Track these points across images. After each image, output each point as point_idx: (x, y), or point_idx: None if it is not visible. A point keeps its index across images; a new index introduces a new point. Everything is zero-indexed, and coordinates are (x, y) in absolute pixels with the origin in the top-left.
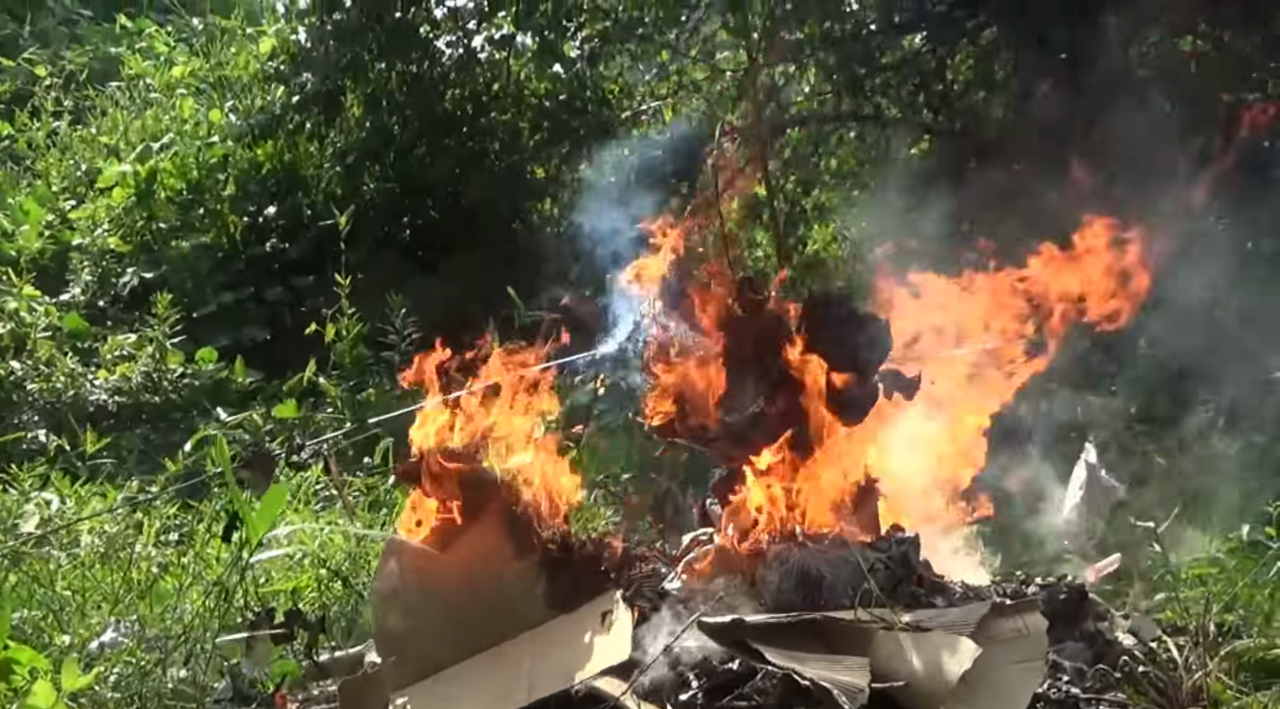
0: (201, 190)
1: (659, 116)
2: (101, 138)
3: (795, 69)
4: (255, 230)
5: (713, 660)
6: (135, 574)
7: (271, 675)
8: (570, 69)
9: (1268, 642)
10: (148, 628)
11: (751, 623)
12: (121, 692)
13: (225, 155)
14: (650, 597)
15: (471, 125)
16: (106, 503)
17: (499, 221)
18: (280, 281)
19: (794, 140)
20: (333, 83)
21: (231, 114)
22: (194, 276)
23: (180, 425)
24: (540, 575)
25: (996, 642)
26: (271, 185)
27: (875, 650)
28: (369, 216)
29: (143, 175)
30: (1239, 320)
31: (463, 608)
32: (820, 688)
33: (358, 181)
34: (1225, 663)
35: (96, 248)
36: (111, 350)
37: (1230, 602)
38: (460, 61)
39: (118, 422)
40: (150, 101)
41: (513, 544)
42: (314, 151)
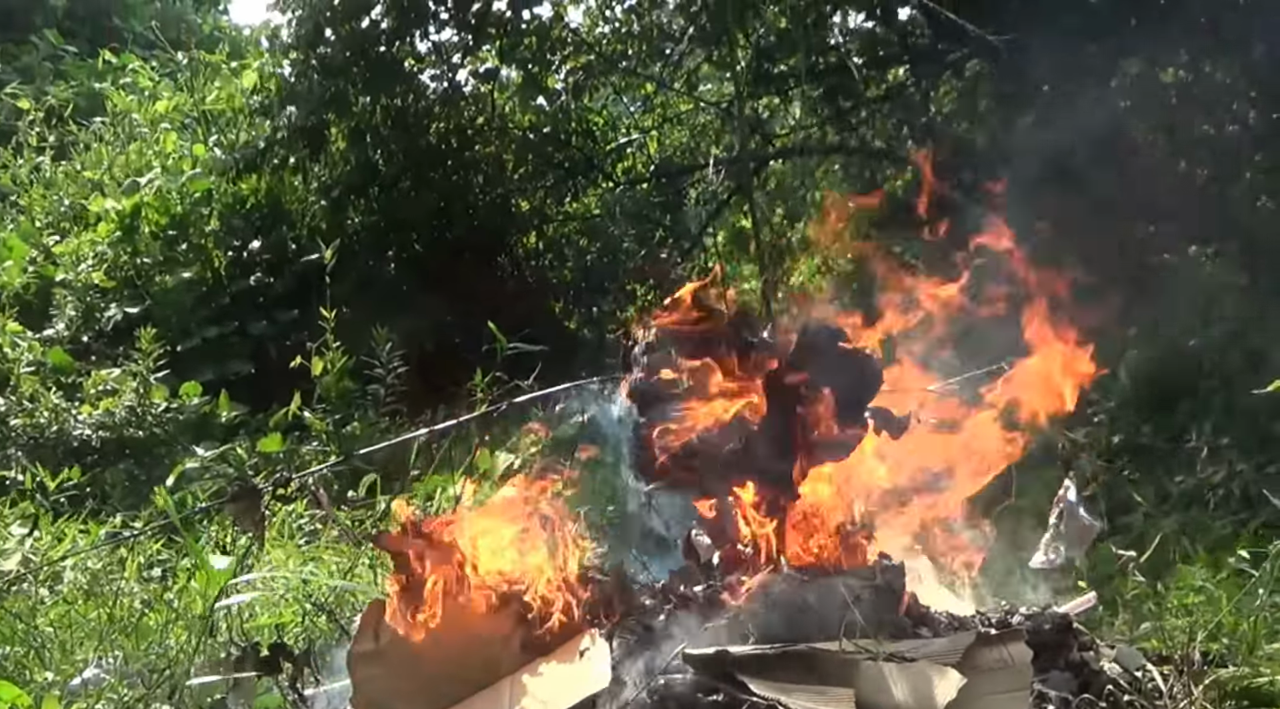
0: (186, 225)
1: (643, 149)
2: (86, 173)
3: (780, 102)
4: (240, 265)
5: (698, 693)
6: (118, 610)
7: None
8: (554, 102)
9: (1252, 670)
10: (131, 664)
11: (736, 654)
12: None
13: (209, 190)
14: (635, 629)
15: (456, 159)
16: (90, 539)
17: (484, 254)
18: (265, 316)
19: (779, 173)
20: (317, 117)
21: (216, 148)
22: (178, 311)
23: (164, 460)
24: (516, 625)
25: (981, 672)
26: (256, 220)
27: (861, 681)
28: (353, 250)
29: (127, 210)
30: (1219, 349)
31: (439, 663)
32: None
33: (342, 215)
34: (1210, 692)
35: (80, 283)
36: (95, 385)
37: (1215, 630)
38: (444, 95)
39: (101, 457)
40: (135, 136)
41: (485, 603)
42: (298, 186)
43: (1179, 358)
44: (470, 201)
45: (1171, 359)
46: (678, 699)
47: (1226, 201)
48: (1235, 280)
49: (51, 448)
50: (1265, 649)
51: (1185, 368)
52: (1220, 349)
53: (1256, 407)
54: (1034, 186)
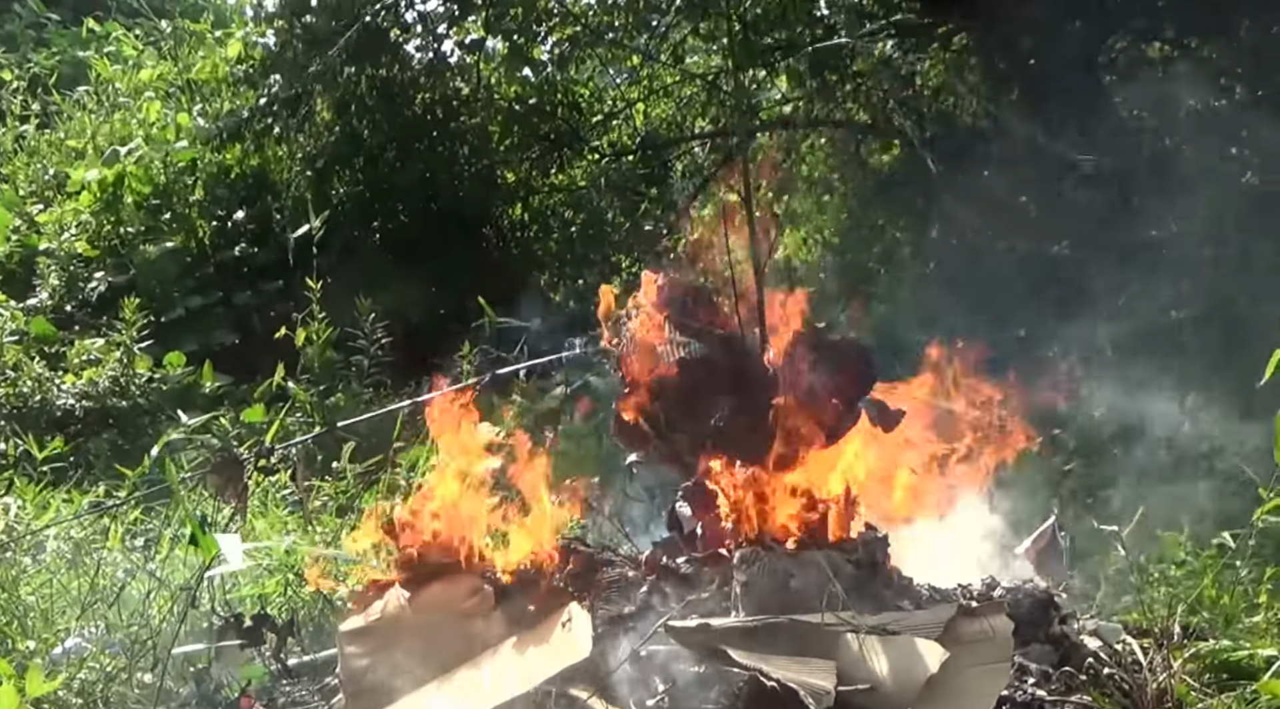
0: (169, 194)
1: (629, 121)
2: (69, 142)
3: (766, 74)
4: (224, 235)
5: (680, 664)
6: (101, 579)
7: (239, 679)
8: (540, 73)
9: (1232, 644)
10: (113, 633)
11: (718, 626)
12: (86, 697)
13: (193, 159)
14: (617, 601)
15: (441, 130)
16: (73, 508)
17: (469, 225)
18: (249, 286)
19: (765, 146)
20: (301, 87)
21: (200, 118)
22: (162, 281)
23: (148, 430)
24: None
25: (962, 644)
26: (240, 190)
27: (842, 653)
28: (338, 221)
29: (110, 179)
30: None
31: (424, 637)
32: (786, 688)
33: (327, 186)
34: (1190, 665)
35: (64, 252)
36: (79, 355)
37: (1196, 604)
38: (430, 66)
39: (85, 426)
40: (118, 105)
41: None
42: (283, 156)
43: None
44: (456, 173)
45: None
46: (660, 670)
47: (1214, 178)
48: (1222, 254)
49: (35, 417)
50: (1244, 622)
51: (1169, 341)
52: (1204, 323)
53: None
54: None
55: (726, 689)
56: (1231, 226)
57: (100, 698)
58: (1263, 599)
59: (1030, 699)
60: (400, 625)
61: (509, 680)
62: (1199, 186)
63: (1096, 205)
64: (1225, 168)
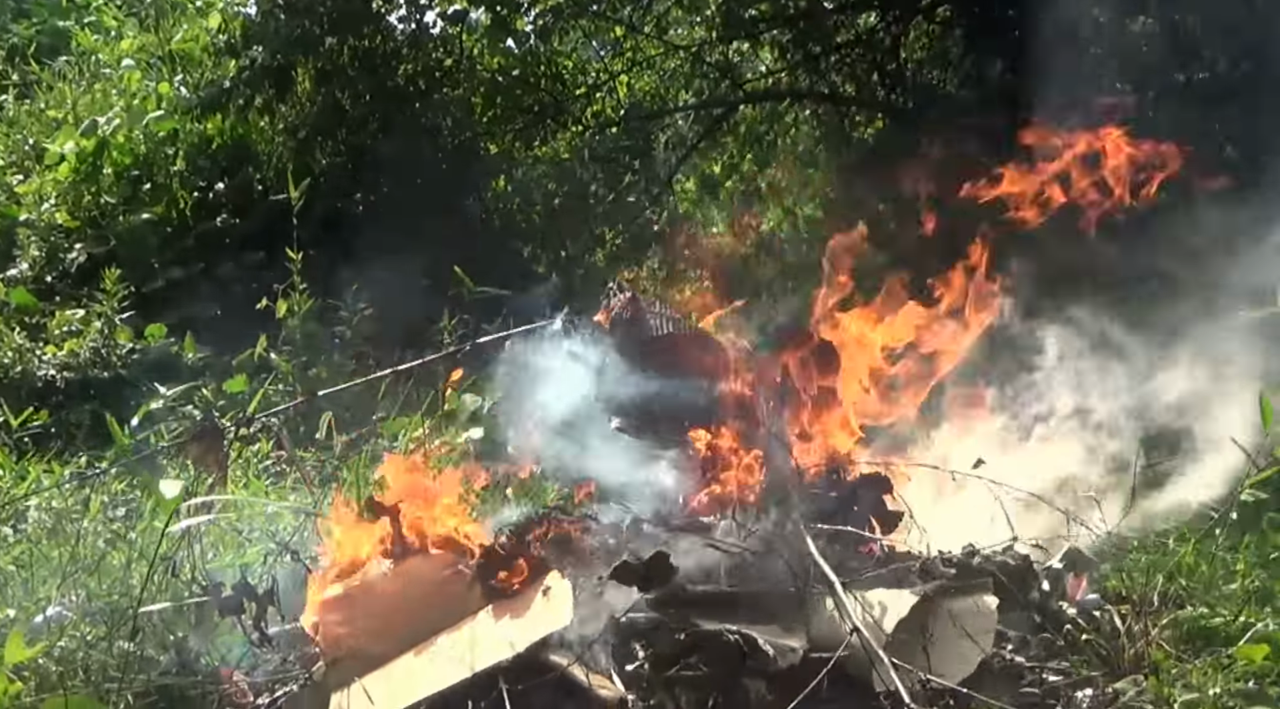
0: (150, 165)
1: (612, 93)
2: (49, 112)
3: (750, 46)
4: (205, 206)
5: (660, 631)
6: (81, 549)
7: (218, 648)
8: (523, 45)
9: (1210, 610)
10: (93, 601)
11: (693, 592)
12: (66, 665)
13: (174, 129)
14: (598, 569)
15: (424, 101)
16: (54, 479)
17: (452, 197)
18: (231, 257)
19: (748, 118)
20: (283, 57)
21: (181, 88)
22: (143, 252)
23: (130, 401)
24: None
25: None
26: (222, 160)
27: (817, 616)
28: (320, 191)
29: (90, 150)
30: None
31: (404, 606)
32: (749, 639)
33: (309, 157)
34: (1167, 631)
35: (44, 222)
36: (59, 326)
37: (1175, 571)
38: (412, 36)
39: (66, 397)
40: (99, 75)
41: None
42: (265, 126)
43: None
44: (438, 144)
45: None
46: (640, 636)
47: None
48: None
49: (15, 388)
50: (1222, 590)
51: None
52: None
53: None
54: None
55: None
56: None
57: (80, 665)
58: (1240, 567)
59: (1009, 665)
60: (380, 594)
61: (489, 648)
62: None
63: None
64: (1208, 144)
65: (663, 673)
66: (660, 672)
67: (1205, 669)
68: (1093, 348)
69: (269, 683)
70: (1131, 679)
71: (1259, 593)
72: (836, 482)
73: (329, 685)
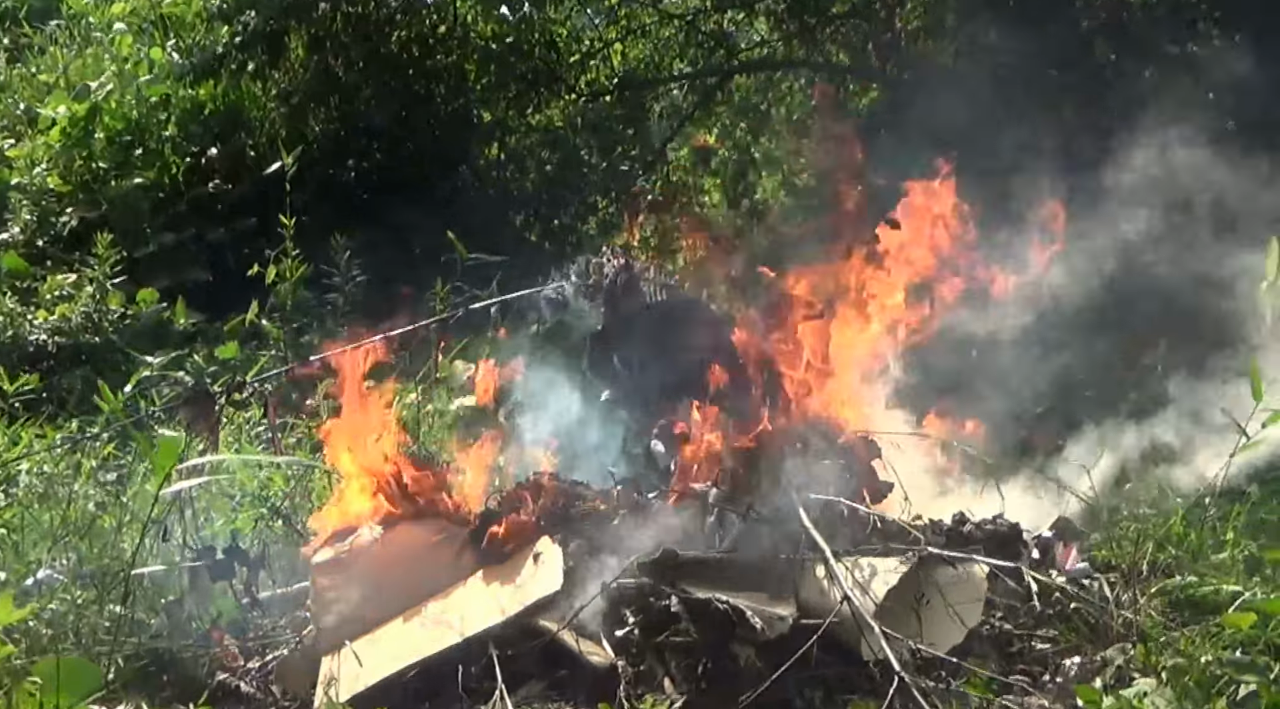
0: (142, 130)
1: (606, 61)
2: (40, 76)
3: (745, 15)
4: (197, 171)
5: (649, 597)
6: (72, 512)
7: (209, 612)
8: (517, 12)
9: (1199, 580)
10: (84, 565)
11: (686, 558)
12: (57, 628)
13: (166, 95)
14: (589, 535)
15: (417, 68)
16: (45, 443)
17: (444, 165)
18: (223, 223)
19: (743, 88)
20: (276, 23)
21: (173, 53)
22: (135, 217)
23: (121, 367)
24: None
25: (937, 584)
26: (214, 126)
27: (807, 585)
28: (313, 158)
29: (81, 114)
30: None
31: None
32: (736, 609)
33: (302, 123)
34: (1156, 600)
35: (35, 187)
36: (51, 290)
37: (1164, 540)
38: (406, 3)
39: (58, 362)
40: (90, 39)
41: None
42: (257, 92)
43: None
44: (431, 111)
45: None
46: (630, 603)
47: (1189, 117)
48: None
49: (7, 352)
50: (1211, 559)
51: (1141, 284)
52: (1174, 264)
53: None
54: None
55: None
56: (1193, 169)
57: (71, 628)
58: (1230, 537)
59: (997, 633)
60: (371, 559)
61: (480, 613)
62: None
63: (1080, 147)
64: (1203, 110)
65: (652, 639)
66: (650, 638)
67: (1193, 637)
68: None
69: (260, 646)
70: (1120, 647)
71: (1248, 562)
72: (827, 448)
73: (319, 650)
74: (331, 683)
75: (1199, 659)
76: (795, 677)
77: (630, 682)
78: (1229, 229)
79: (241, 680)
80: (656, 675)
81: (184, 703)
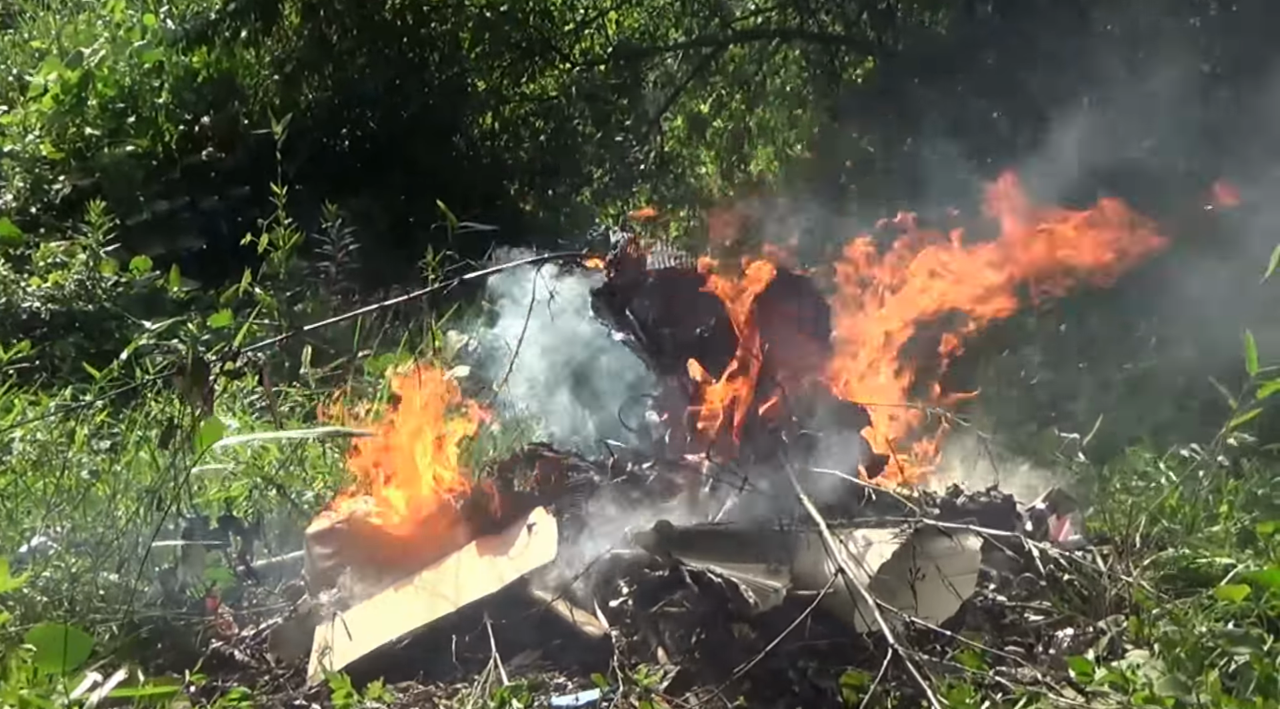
0: (135, 97)
1: (601, 30)
2: (33, 42)
3: None
4: (191, 139)
5: (644, 568)
6: (66, 480)
7: (204, 581)
8: None
9: (1192, 551)
10: (79, 533)
11: (680, 529)
12: (51, 595)
13: (159, 61)
14: (583, 505)
15: (411, 35)
16: (39, 411)
17: (438, 134)
18: (216, 191)
19: (737, 57)
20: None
21: (166, 19)
22: (128, 185)
23: (114, 334)
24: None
25: (931, 556)
26: (207, 94)
27: (802, 556)
28: (307, 126)
29: (74, 81)
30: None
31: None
32: (730, 584)
33: (295, 91)
34: (1149, 572)
35: (28, 154)
36: (44, 258)
37: (1157, 513)
38: None
39: (51, 330)
40: (82, 6)
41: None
42: (251, 60)
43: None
44: (425, 80)
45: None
46: (624, 573)
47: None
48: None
49: (0, 320)
50: (1204, 531)
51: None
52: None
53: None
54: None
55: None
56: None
57: (65, 596)
58: (1223, 509)
59: (991, 604)
60: (366, 529)
61: (474, 583)
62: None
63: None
64: (1198, 85)
65: (646, 609)
66: (644, 608)
67: (1186, 609)
68: None
69: (254, 615)
70: (1113, 619)
71: (1241, 534)
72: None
73: (314, 618)
74: (326, 651)
75: (1192, 631)
76: (789, 648)
77: (624, 651)
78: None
79: (236, 649)
80: (650, 645)
81: (178, 671)
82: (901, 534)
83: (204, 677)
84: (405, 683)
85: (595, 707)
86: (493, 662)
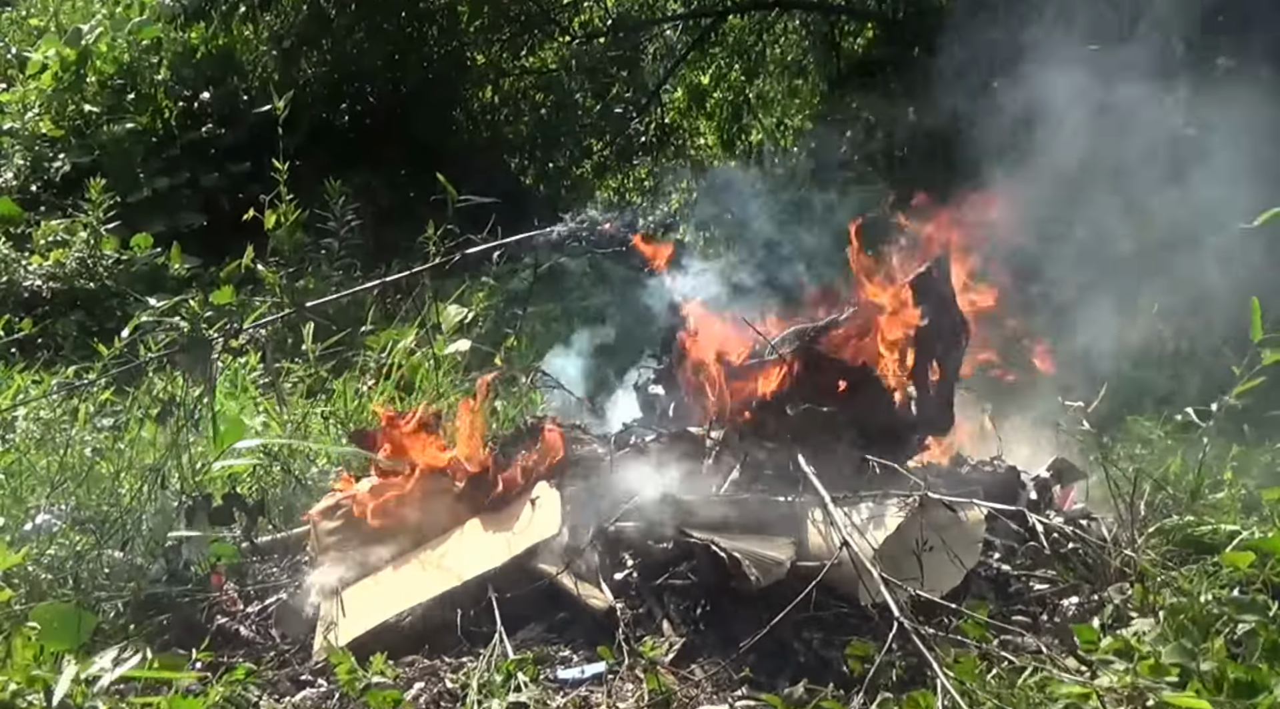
0: (134, 74)
1: (600, 2)
2: (31, 20)
3: None
4: (190, 115)
5: (649, 540)
6: (71, 458)
7: (208, 558)
8: None
9: (1196, 519)
10: (83, 511)
11: (687, 502)
12: (55, 572)
13: (158, 38)
14: (588, 478)
15: (409, 9)
16: (41, 389)
17: (438, 107)
18: (216, 167)
19: (737, 28)
20: None
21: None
22: (128, 162)
23: (116, 312)
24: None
25: (935, 527)
26: (206, 70)
27: (807, 528)
28: (306, 102)
29: (72, 58)
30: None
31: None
32: (733, 559)
33: (294, 66)
34: (1154, 540)
35: (28, 132)
36: (45, 236)
37: (1161, 481)
38: None
39: (53, 308)
40: None
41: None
42: (249, 35)
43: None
44: (424, 54)
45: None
46: (629, 545)
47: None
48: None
49: (2, 298)
50: (1208, 499)
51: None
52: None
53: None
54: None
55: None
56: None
57: (70, 573)
58: (1228, 476)
59: (996, 574)
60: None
61: (479, 557)
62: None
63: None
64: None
65: (651, 582)
66: (649, 581)
67: (1191, 577)
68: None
69: (259, 591)
70: (1118, 587)
71: (1245, 501)
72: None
73: (319, 594)
74: (331, 627)
75: (1197, 598)
76: (794, 620)
77: (629, 624)
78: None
79: (241, 625)
80: (655, 618)
81: (184, 648)
82: (906, 506)
83: (210, 653)
84: (410, 657)
85: (601, 679)
86: (498, 635)
